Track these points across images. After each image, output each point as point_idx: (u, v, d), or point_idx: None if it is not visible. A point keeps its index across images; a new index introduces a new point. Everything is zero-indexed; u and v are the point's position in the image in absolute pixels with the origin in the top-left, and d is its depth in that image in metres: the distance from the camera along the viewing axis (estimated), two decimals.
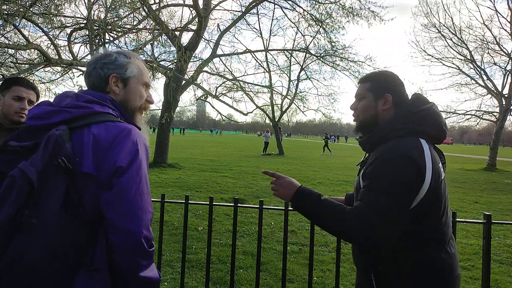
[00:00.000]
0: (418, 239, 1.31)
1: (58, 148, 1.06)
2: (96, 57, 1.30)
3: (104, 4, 7.92)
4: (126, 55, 1.30)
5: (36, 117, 1.16)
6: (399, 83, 1.49)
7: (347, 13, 13.62)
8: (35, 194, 1.04)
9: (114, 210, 1.09)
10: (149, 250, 1.13)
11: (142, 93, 1.33)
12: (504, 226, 6.01)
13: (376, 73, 1.53)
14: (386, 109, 1.44)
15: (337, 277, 2.12)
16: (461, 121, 21.69)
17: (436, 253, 1.32)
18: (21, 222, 1.01)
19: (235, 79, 15.82)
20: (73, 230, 1.08)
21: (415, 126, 1.36)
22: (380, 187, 1.27)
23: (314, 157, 22.71)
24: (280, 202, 7.38)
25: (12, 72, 7.60)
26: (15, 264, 1.01)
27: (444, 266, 1.31)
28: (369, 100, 1.47)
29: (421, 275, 1.30)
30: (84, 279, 1.08)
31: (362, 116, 1.49)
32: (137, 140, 1.16)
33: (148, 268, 1.16)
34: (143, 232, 1.10)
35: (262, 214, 2.15)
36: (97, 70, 1.26)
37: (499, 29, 19.12)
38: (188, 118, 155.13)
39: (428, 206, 1.29)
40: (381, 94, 1.45)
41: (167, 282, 3.44)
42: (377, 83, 1.47)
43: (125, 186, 1.09)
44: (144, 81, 1.33)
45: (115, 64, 1.27)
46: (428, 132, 1.38)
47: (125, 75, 1.27)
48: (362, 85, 1.51)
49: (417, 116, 1.38)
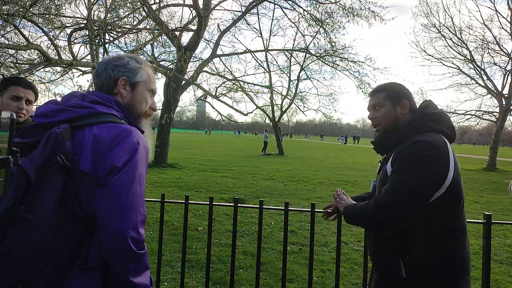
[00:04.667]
0: (441, 230, 1.41)
1: (57, 145, 1.08)
2: (108, 58, 1.33)
3: (104, 4, 7.93)
4: (138, 61, 1.34)
5: (42, 115, 1.19)
6: (408, 90, 1.63)
7: (347, 13, 13.63)
8: (32, 190, 1.05)
9: (103, 207, 1.09)
10: (137, 252, 1.11)
11: (148, 99, 1.36)
12: (504, 226, 6.01)
13: (388, 83, 1.66)
14: (405, 114, 1.58)
15: (337, 277, 2.12)
16: (461, 121, 21.70)
17: (457, 245, 1.42)
18: (16, 216, 1.02)
19: (235, 79, 15.82)
20: (68, 227, 1.08)
21: (434, 125, 1.50)
22: (410, 170, 1.37)
23: (314, 157, 22.72)
24: (280, 202, 7.37)
25: (12, 72, 7.61)
26: (9, 256, 1.02)
27: (463, 256, 1.43)
28: (388, 107, 1.59)
29: (444, 266, 1.39)
30: (77, 276, 1.09)
31: (385, 123, 1.59)
32: (137, 141, 1.17)
33: (138, 273, 1.14)
34: (130, 233, 1.08)
35: (262, 214, 2.15)
36: (108, 71, 1.29)
37: (499, 29, 19.06)
38: (188, 118, 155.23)
39: (450, 198, 1.39)
40: (398, 101, 1.58)
41: (167, 282, 3.44)
42: (392, 91, 1.60)
43: (117, 184, 1.10)
44: (151, 88, 1.36)
45: (126, 67, 1.30)
46: (445, 131, 1.50)
47: (134, 79, 1.31)
48: (376, 95, 1.62)
49: (434, 117, 1.52)
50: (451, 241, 1.42)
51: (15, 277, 1.02)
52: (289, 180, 11.01)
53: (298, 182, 10.70)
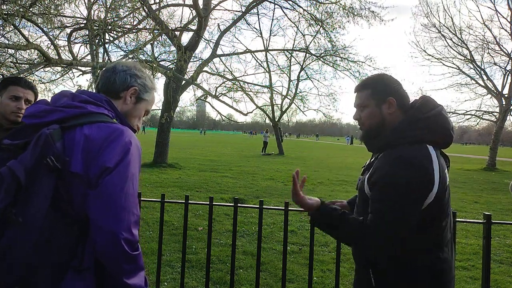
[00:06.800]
0: (420, 243, 1.32)
1: (47, 147, 1.07)
2: (130, 63, 1.38)
3: (104, 4, 7.92)
4: (152, 82, 1.41)
5: (31, 115, 1.17)
6: (397, 83, 1.45)
7: (347, 13, 13.64)
8: (22, 192, 1.04)
9: (95, 208, 1.08)
10: (131, 254, 1.10)
11: (141, 117, 1.42)
12: (504, 226, 6.01)
13: (373, 78, 1.50)
14: (392, 112, 1.42)
15: (337, 277, 2.12)
16: (461, 121, 21.69)
17: (435, 256, 1.33)
18: (8, 218, 1.02)
19: (235, 79, 15.81)
20: (62, 228, 1.08)
21: (423, 134, 1.34)
22: (390, 198, 1.26)
23: (314, 157, 22.72)
24: (280, 202, 7.37)
25: (12, 72, 7.60)
26: (5, 256, 1.01)
27: (442, 268, 1.33)
28: (372, 107, 1.43)
29: (420, 277, 1.32)
30: (73, 277, 1.09)
31: (368, 124, 1.46)
32: (129, 140, 1.16)
33: (133, 274, 1.14)
34: (123, 234, 1.08)
35: (262, 214, 2.15)
36: (126, 75, 1.32)
37: (499, 29, 19.02)
38: (188, 118, 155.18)
39: (432, 213, 1.30)
40: (383, 99, 1.42)
41: (167, 282, 3.44)
42: (377, 88, 1.44)
43: (109, 184, 1.09)
44: (148, 109, 1.42)
45: (142, 81, 1.35)
46: (436, 139, 1.36)
47: (142, 95, 1.36)
48: (360, 93, 1.47)
49: (425, 123, 1.36)
50: (432, 253, 1.33)
51: (12, 278, 1.02)
52: (289, 180, 11.00)
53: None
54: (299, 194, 1.49)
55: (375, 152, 1.49)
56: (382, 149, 1.40)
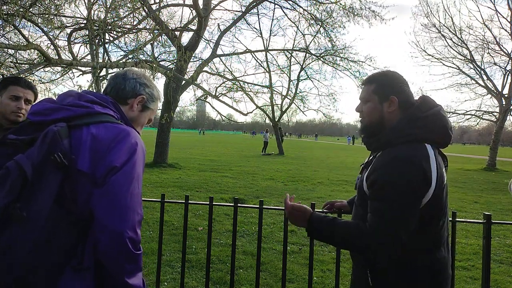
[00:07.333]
0: (420, 243, 1.33)
1: (54, 144, 1.07)
2: (141, 72, 1.42)
3: (104, 4, 7.92)
4: (158, 93, 1.47)
5: (37, 113, 1.19)
6: (404, 83, 1.46)
7: (347, 13, 13.65)
8: (28, 187, 1.04)
9: (101, 206, 1.09)
10: (134, 253, 1.12)
11: (144, 125, 1.46)
12: (504, 226, 6.01)
13: (381, 74, 1.50)
14: (392, 111, 1.42)
15: (337, 277, 2.12)
16: (461, 121, 21.69)
17: (432, 255, 1.34)
18: (12, 213, 1.02)
19: (235, 79, 15.82)
20: (65, 226, 1.08)
21: (422, 133, 1.35)
22: (389, 197, 1.27)
23: (314, 157, 22.72)
24: (280, 202, 7.37)
25: (12, 72, 7.61)
26: (5, 255, 1.01)
27: (439, 267, 1.34)
28: (374, 103, 1.44)
29: (420, 277, 1.32)
30: (73, 277, 1.08)
31: (368, 119, 1.47)
32: (135, 142, 1.18)
33: (133, 274, 1.14)
34: (128, 233, 1.09)
35: (262, 214, 2.15)
36: (136, 83, 1.37)
37: (499, 29, 19.02)
38: (188, 118, 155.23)
39: (431, 212, 1.31)
40: (386, 97, 1.42)
41: (167, 282, 3.44)
42: (382, 85, 1.44)
43: (115, 184, 1.10)
44: (151, 117, 1.48)
45: (150, 91, 1.41)
46: (434, 138, 1.37)
47: (148, 104, 1.41)
48: (366, 87, 1.48)
49: (424, 122, 1.36)
50: (429, 253, 1.34)
51: (10, 277, 1.02)
52: (289, 180, 11.01)
53: (298, 182, 10.70)
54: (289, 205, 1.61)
55: (374, 150, 1.50)
56: (381, 148, 1.41)
